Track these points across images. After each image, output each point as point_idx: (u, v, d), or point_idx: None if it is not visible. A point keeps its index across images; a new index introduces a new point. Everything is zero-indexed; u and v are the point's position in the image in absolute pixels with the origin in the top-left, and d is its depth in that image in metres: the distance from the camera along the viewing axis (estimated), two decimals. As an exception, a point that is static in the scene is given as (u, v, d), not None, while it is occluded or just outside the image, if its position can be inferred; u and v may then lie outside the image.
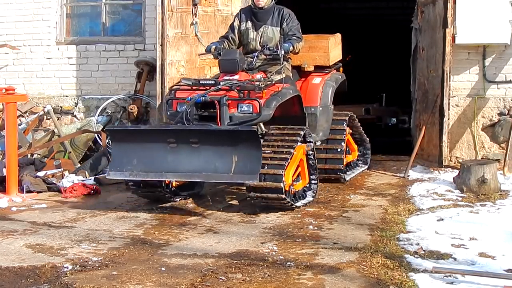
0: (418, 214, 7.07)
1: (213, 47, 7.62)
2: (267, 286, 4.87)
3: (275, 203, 6.93)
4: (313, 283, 4.94)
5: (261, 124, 7.13)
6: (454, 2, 9.14)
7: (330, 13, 18.80)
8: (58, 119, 10.88)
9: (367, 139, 9.34)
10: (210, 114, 6.94)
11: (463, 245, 5.89)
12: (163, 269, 5.28)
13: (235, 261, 5.42)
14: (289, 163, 6.87)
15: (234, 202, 7.73)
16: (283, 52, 7.34)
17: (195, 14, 8.44)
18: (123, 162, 6.85)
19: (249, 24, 7.82)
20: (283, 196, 6.74)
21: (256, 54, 7.47)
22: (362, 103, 13.78)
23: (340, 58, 8.93)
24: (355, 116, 8.93)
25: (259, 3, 7.75)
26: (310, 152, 7.38)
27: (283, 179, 6.71)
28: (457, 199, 7.70)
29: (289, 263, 5.37)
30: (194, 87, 7.22)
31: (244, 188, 7.11)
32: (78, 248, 5.83)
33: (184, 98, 7.07)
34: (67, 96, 11.11)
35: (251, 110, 6.90)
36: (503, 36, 9.31)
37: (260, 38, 7.77)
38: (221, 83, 7.03)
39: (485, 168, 7.91)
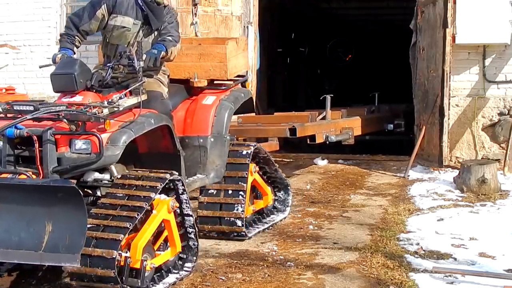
0: (418, 214, 7.07)
1: (59, 55, 5.51)
2: (267, 286, 4.88)
3: None
4: (313, 283, 4.94)
5: (113, 168, 5.01)
6: (454, 2, 9.14)
7: (330, 14, 18.82)
8: (58, 119, 10.88)
9: (286, 178, 6.95)
10: (32, 154, 4.74)
11: (463, 245, 5.89)
12: (163, 269, 5.29)
13: (235, 261, 5.43)
14: (139, 231, 4.68)
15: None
16: (141, 64, 5.11)
17: (195, 14, 8.41)
18: None
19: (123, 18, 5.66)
20: (119, 287, 4.43)
21: (111, 64, 5.28)
22: (366, 104, 13.47)
23: (246, 68, 6.87)
24: (264, 149, 6.61)
25: None
26: (184, 207, 5.07)
27: (121, 258, 4.50)
28: (457, 199, 7.70)
29: (289, 263, 5.37)
30: (9, 114, 4.91)
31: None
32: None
33: None
34: (67, 96, 11.12)
35: (89, 149, 4.71)
36: (503, 36, 9.31)
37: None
38: (41, 110, 4.81)
39: (485, 168, 7.91)
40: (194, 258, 5.13)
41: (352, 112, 11.05)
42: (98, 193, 4.97)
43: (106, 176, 5.00)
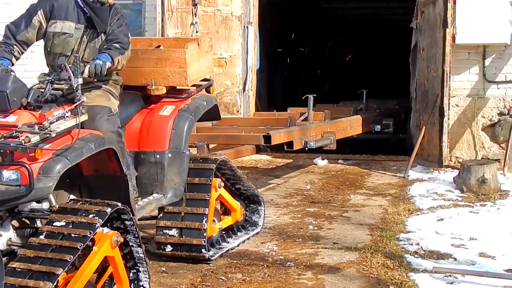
0: (418, 214, 7.07)
1: None
2: (267, 286, 4.88)
3: None
4: (313, 283, 4.94)
5: (51, 197, 4.38)
6: (454, 2, 9.14)
7: (330, 14, 18.84)
8: (58, 119, 10.88)
9: (257, 190, 6.33)
10: None
11: (463, 245, 5.89)
12: (163, 269, 5.29)
13: (235, 261, 5.43)
14: (78, 270, 4.12)
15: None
16: (79, 80, 4.44)
17: (195, 14, 8.39)
18: None
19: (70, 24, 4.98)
20: None
21: (50, 78, 4.62)
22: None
23: (211, 72, 6.20)
24: (230, 161, 6.01)
25: None
26: (130, 239, 4.46)
27: None
28: (457, 199, 7.70)
29: (289, 263, 5.37)
30: None
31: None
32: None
33: None
34: (67, 96, 11.13)
35: (19, 180, 4.09)
36: (503, 36, 9.31)
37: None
38: None
39: (485, 168, 7.91)
40: None
41: (337, 111, 10.70)
42: (38, 223, 4.37)
43: (45, 205, 4.38)
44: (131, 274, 4.48)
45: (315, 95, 9.38)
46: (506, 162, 8.97)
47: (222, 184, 5.80)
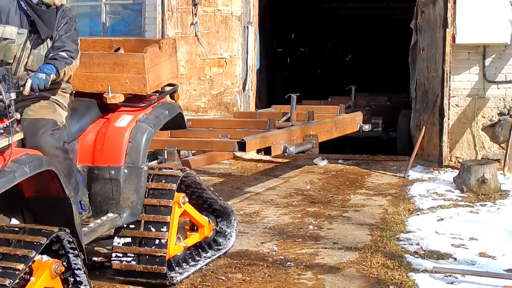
0: (418, 214, 7.07)
1: None
2: (267, 286, 4.88)
3: None
4: (313, 283, 4.94)
5: None
6: (454, 2, 9.15)
7: (330, 14, 18.84)
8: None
9: (227, 204, 5.69)
10: None
11: (463, 245, 5.89)
12: (163, 269, 5.29)
13: (235, 261, 5.43)
14: None
15: (234, 201, 7.72)
16: (11, 96, 3.92)
17: (195, 14, 8.39)
18: None
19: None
20: None
21: None
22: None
23: (175, 77, 5.60)
24: (194, 174, 5.32)
25: None
26: (74, 267, 4.06)
27: None
28: (457, 199, 7.70)
29: (289, 263, 5.37)
30: None
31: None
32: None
33: None
34: (67, 96, 11.13)
35: None
36: (503, 36, 9.32)
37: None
38: None
39: (485, 168, 7.92)
40: None
41: (323, 109, 10.02)
42: None
43: None
44: None
45: (298, 94, 9.02)
46: (506, 162, 8.97)
47: (187, 199, 5.17)
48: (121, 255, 4.88)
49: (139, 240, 4.86)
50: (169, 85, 5.45)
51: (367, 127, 9.84)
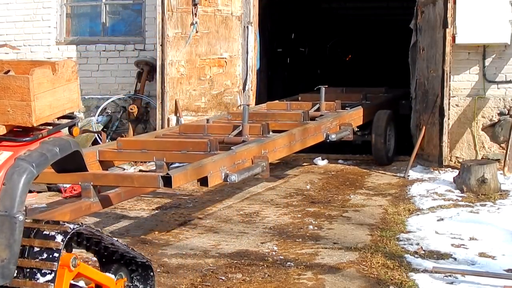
0: (418, 214, 7.07)
1: None
2: (267, 286, 4.88)
3: None
4: (313, 283, 4.94)
5: None
6: (454, 2, 9.14)
7: (330, 13, 18.84)
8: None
9: (145, 259, 4.46)
10: None
11: (463, 245, 5.90)
12: (163, 268, 5.29)
13: (235, 261, 5.43)
14: None
15: (234, 202, 7.73)
16: None
17: (195, 14, 8.37)
18: None
19: None
20: None
21: None
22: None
23: (75, 107, 4.37)
24: (93, 229, 4.09)
25: None
26: None
27: None
28: (457, 199, 7.70)
29: (289, 263, 5.37)
30: None
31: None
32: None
33: None
34: (67, 96, 11.13)
35: None
36: (503, 36, 9.31)
37: None
38: None
39: (485, 168, 7.92)
40: None
41: (285, 116, 8.88)
42: None
43: None
44: None
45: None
46: (506, 162, 8.96)
47: (78, 261, 3.97)
48: None
49: None
50: (66, 117, 4.39)
51: (334, 136, 8.54)
